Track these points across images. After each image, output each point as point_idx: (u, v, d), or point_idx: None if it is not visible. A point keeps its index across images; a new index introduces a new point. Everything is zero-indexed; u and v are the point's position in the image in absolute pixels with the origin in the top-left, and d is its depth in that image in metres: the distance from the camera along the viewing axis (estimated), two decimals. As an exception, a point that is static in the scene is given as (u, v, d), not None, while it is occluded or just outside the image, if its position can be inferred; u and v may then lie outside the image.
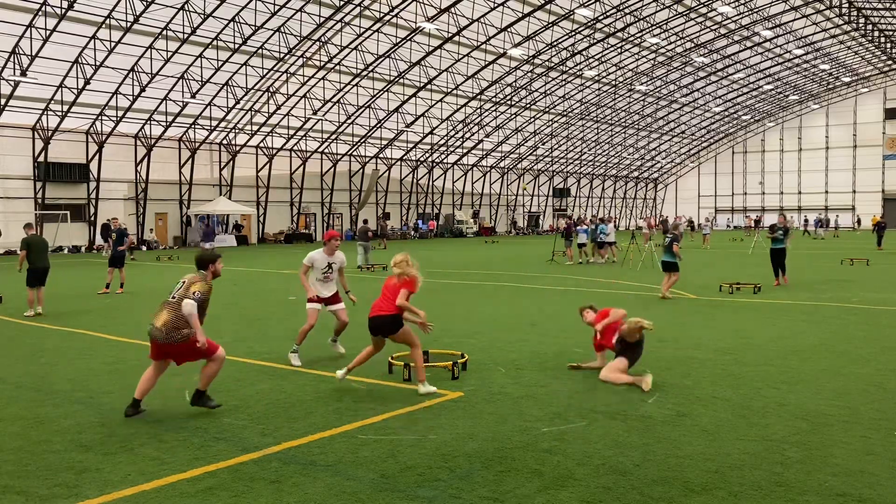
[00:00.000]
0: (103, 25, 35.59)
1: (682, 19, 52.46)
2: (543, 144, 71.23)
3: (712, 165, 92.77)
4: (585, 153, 77.87)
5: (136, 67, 39.25)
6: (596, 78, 60.52)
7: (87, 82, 37.66)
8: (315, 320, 9.53)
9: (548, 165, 76.65)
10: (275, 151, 52.34)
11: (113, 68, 38.15)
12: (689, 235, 52.18)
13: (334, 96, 49.60)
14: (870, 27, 59.51)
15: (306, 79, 47.26)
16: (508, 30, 47.03)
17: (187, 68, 41.24)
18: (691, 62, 61.96)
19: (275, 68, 44.83)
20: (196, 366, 7.16)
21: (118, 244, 18.40)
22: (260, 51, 42.61)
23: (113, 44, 36.21)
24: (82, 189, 42.58)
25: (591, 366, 8.77)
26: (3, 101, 36.97)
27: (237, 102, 45.82)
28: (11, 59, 35.03)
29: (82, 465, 5.59)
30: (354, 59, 46.94)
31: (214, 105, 45.51)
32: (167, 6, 36.10)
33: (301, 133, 52.34)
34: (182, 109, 44.01)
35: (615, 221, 72.67)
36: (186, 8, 37.00)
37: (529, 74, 56.01)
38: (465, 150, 65.35)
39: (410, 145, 60.57)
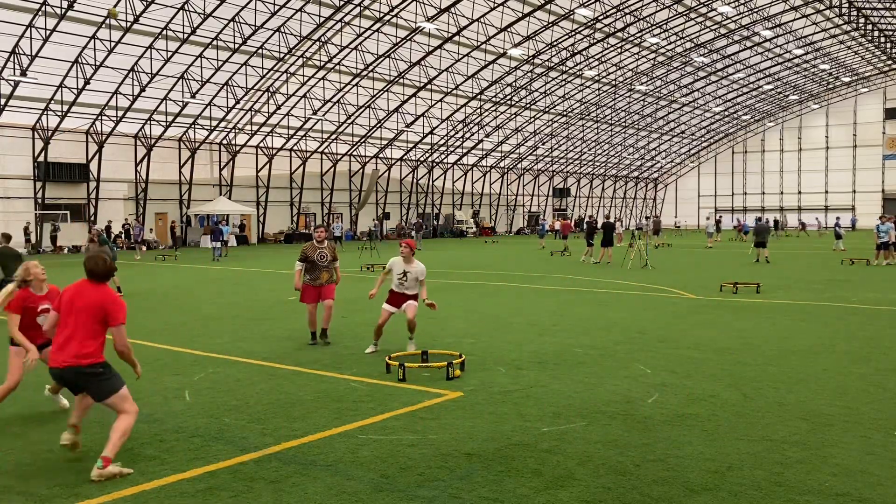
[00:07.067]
0: (103, 25, 35.59)
1: (682, 19, 52.45)
2: (543, 144, 71.23)
3: (712, 165, 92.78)
4: (585, 153, 77.87)
5: (136, 67, 39.25)
6: (596, 78, 60.52)
7: (87, 82, 37.65)
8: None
9: (548, 165, 76.65)
10: (275, 151, 52.33)
11: (113, 68, 38.14)
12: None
13: (334, 96, 49.60)
14: (870, 27, 59.51)
15: (306, 79, 47.25)
16: (508, 30, 47.03)
17: (187, 68, 41.23)
18: (691, 62, 61.95)
19: (275, 68, 44.83)
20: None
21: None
22: (260, 51, 42.60)
23: (113, 44, 36.21)
24: (82, 189, 42.57)
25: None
26: (3, 101, 36.95)
27: (237, 102, 45.82)
28: (11, 59, 35.02)
29: (82, 465, 5.59)
30: (354, 59, 46.94)
31: (214, 105, 45.51)
32: (167, 6, 36.09)
33: (301, 133, 52.34)
34: (182, 109, 44.01)
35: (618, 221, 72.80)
36: (186, 8, 36.98)
37: (529, 74, 56.00)
38: (465, 150, 65.36)
39: (410, 145, 60.57)
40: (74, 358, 5.40)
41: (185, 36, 38.17)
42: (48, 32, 34.05)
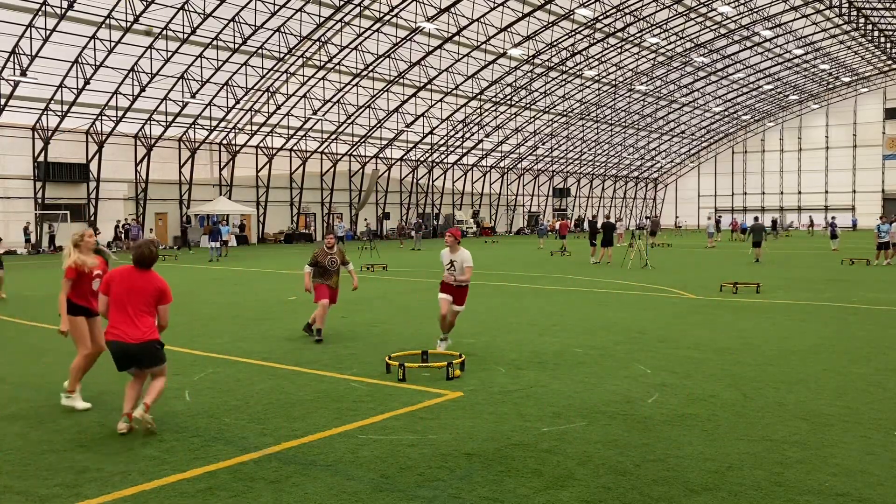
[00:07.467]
0: (103, 25, 35.59)
1: (682, 19, 52.45)
2: (543, 144, 71.23)
3: (712, 165, 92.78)
4: (585, 153, 77.88)
5: (136, 67, 39.25)
6: (596, 78, 60.51)
7: (87, 82, 37.65)
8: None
9: (548, 165, 76.65)
10: (275, 151, 52.33)
11: (113, 68, 38.14)
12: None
13: (334, 96, 49.60)
14: (870, 27, 59.50)
15: (306, 79, 47.26)
16: (508, 30, 47.02)
17: (187, 68, 41.22)
18: (691, 62, 61.95)
19: (275, 68, 44.82)
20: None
21: None
22: (260, 51, 42.60)
23: (113, 44, 36.21)
24: (82, 189, 42.57)
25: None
26: (3, 101, 36.95)
27: (237, 102, 45.81)
28: (11, 59, 35.02)
29: (82, 465, 5.59)
30: (354, 59, 46.94)
31: (214, 105, 45.50)
32: (167, 6, 36.09)
33: (301, 133, 52.34)
34: (182, 109, 44.00)
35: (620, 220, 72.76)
36: (186, 8, 36.99)
37: (529, 74, 56.00)
38: (465, 150, 65.36)
39: (410, 145, 60.58)
40: (145, 335, 6.29)
41: (185, 36, 38.17)
42: (48, 32, 34.04)
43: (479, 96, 55.77)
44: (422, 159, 63.20)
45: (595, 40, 52.47)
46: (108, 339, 6.37)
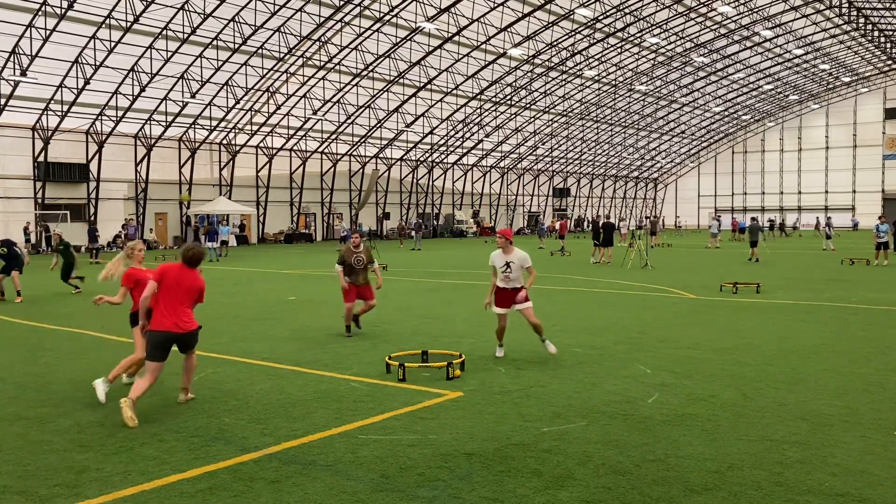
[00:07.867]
0: (103, 25, 35.58)
1: (682, 19, 52.45)
2: (543, 144, 71.23)
3: (712, 165, 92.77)
4: (585, 153, 77.87)
5: (136, 67, 39.24)
6: (596, 78, 60.51)
7: (87, 82, 37.64)
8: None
9: (548, 165, 76.64)
10: (275, 151, 52.33)
11: (113, 68, 38.13)
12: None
13: (334, 96, 49.60)
14: (870, 27, 59.51)
15: (306, 79, 47.25)
16: (508, 30, 47.02)
17: (187, 68, 41.22)
18: (691, 62, 61.95)
19: (275, 68, 44.82)
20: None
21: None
22: (260, 51, 42.59)
23: (113, 44, 36.21)
24: (82, 189, 42.56)
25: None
26: (3, 101, 36.94)
27: (237, 102, 45.81)
28: (11, 59, 35.02)
29: (82, 465, 5.59)
30: (354, 59, 46.95)
31: (214, 105, 45.50)
32: (167, 6, 36.08)
33: (301, 133, 52.34)
34: (182, 109, 44.00)
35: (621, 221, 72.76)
36: (186, 8, 36.99)
37: (529, 74, 56.00)
38: (465, 150, 65.35)
39: (410, 145, 60.57)
40: (191, 325, 7.10)
41: (185, 36, 38.17)
42: (48, 32, 34.04)
43: (479, 96, 55.76)
44: (422, 159, 63.20)
45: (595, 40, 52.47)
46: (159, 329, 6.93)
